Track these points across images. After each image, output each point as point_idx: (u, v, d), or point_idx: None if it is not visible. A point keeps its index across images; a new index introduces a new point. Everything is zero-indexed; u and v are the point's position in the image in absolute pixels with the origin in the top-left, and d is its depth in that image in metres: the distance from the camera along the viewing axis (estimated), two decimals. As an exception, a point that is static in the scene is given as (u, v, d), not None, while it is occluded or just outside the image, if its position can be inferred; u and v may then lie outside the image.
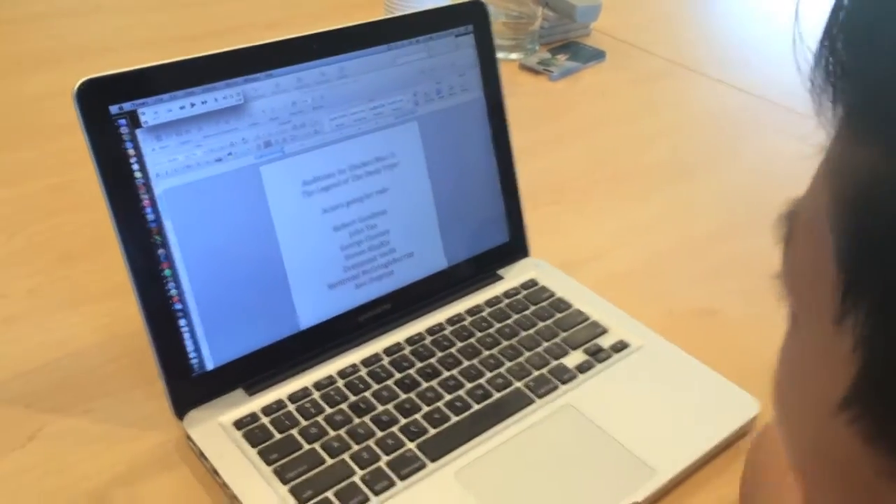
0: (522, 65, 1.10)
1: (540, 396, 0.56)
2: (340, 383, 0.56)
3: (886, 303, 0.20)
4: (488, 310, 0.63)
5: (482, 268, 0.67)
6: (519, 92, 1.03)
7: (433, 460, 0.51)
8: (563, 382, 0.57)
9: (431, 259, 0.64)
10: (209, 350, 0.53)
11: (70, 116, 0.46)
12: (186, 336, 0.52)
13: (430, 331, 0.61)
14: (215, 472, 0.49)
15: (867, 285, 0.21)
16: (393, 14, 1.01)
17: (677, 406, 0.56)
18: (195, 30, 1.09)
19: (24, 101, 0.90)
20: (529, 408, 0.55)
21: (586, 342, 0.61)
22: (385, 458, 0.51)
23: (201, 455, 0.51)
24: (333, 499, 0.48)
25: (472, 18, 0.64)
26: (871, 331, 0.21)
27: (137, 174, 0.49)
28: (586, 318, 0.63)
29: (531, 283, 0.66)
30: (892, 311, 0.20)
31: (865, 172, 0.20)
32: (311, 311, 0.57)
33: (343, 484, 0.49)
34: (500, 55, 1.12)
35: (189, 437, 0.51)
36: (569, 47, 1.16)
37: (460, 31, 0.63)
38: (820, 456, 0.26)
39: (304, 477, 0.49)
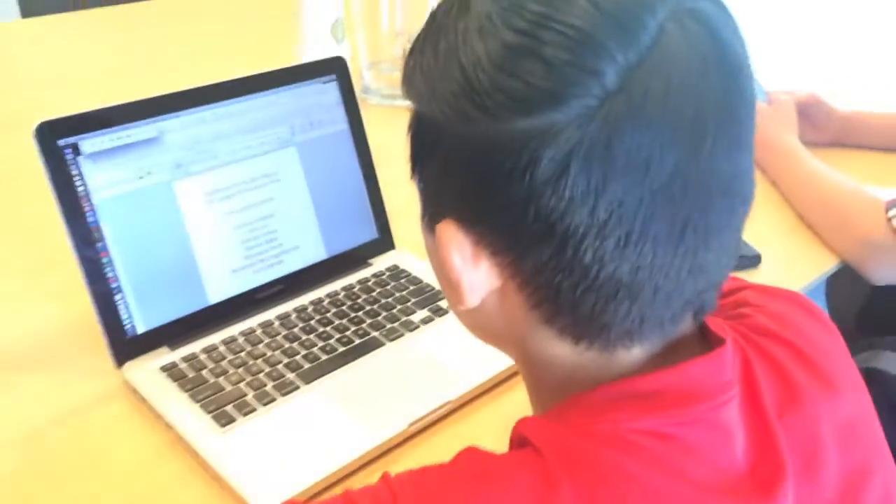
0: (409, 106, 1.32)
1: (391, 341, 0.76)
2: (241, 340, 0.75)
3: (417, 170, 0.43)
4: (358, 287, 0.83)
5: (356, 257, 0.87)
6: (405, 130, 1.25)
7: (307, 383, 0.70)
8: (409, 331, 0.77)
9: (314, 251, 0.83)
10: (140, 317, 0.72)
11: (29, 164, 0.65)
12: (122, 307, 0.71)
13: (313, 303, 0.80)
14: (145, 400, 0.68)
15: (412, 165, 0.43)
16: (302, 58, 1.23)
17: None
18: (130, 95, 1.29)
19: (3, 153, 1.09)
20: (381, 348, 0.75)
21: (430, 304, 0.81)
22: (270, 384, 0.70)
23: (135, 391, 0.69)
24: (231, 409, 0.67)
25: (335, 69, 0.85)
26: (417, 179, 0.43)
27: (80, 188, 0.69)
28: (432, 288, 0.83)
29: (394, 268, 0.87)
30: (420, 175, 0.42)
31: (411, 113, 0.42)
32: (218, 290, 0.77)
33: (238, 400, 0.68)
34: (396, 102, 1.34)
35: (127, 381, 0.70)
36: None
37: (326, 79, 0.84)
38: (427, 247, 0.46)
39: (210, 397, 0.68)
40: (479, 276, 0.40)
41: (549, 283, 0.38)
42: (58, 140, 0.67)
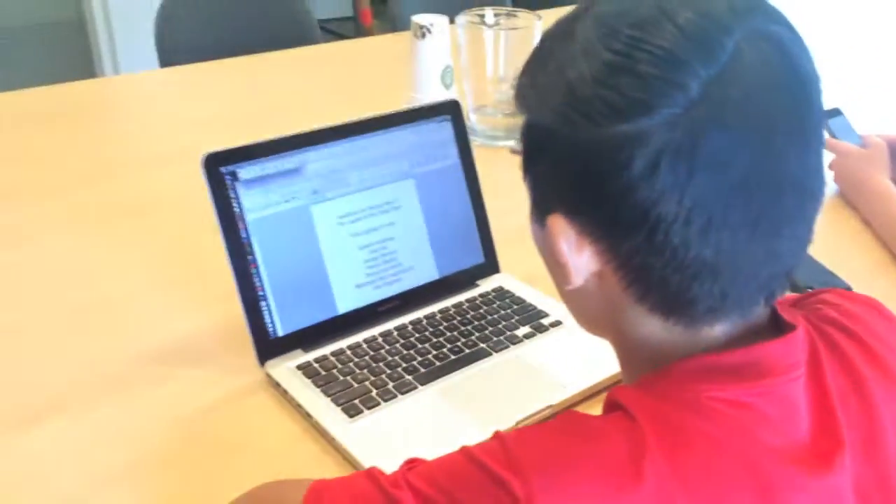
0: (512, 149, 1.42)
1: (497, 352, 0.84)
2: (365, 346, 0.85)
3: (528, 170, 0.50)
4: (467, 305, 0.92)
5: (464, 279, 0.96)
6: (507, 167, 1.34)
7: (423, 385, 0.79)
8: (513, 343, 0.85)
9: (427, 272, 0.93)
10: (281, 323, 0.83)
11: (179, 193, 0.77)
12: (266, 313, 0.82)
13: (426, 317, 0.90)
14: (286, 392, 0.78)
15: (524, 166, 0.51)
16: (415, 99, 1.34)
17: (589, 355, 0.83)
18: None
19: (143, 187, 1.24)
20: (488, 357, 0.83)
21: (532, 321, 0.89)
22: (391, 384, 0.79)
23: (277, 385, 0.80)
24: (358, 403, 0.76)
25: (449, 110, 0.95)
26: (528, 178, 0.51)
27: (236, 209, 0.80)
28: (534, 308, 0.91)
29: (499, 289, 0.95)
30: (531, 174, 0.50)
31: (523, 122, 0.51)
32: (345, 302, 0.87)
33: (364, 396, 0.77)
34: (497, 143, 1.44)
35: (268, 375, 0.81)
36: (550, 134, 1.47)
37: (441, 119, 0.94)
38: (535, 238, 0.54)
39: (340, 392, 0.78)
40: (582, 260, 0.48)
41: (641, 265, 0.46)
42: (220, 167, 0.80)
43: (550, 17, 0.53)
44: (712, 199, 0.43)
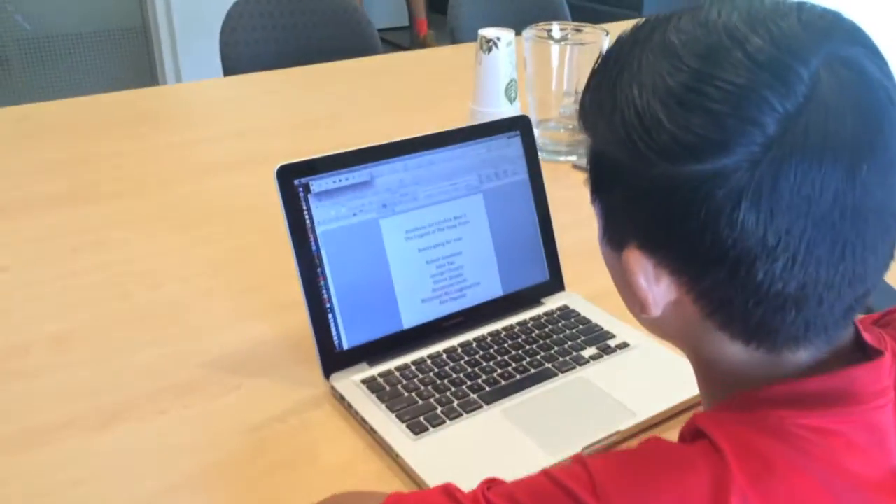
0: (575, 164, 1.40)
1: (563, 372, 0.83)
2: (429, 361, 0.84)
3: (600, 197, 0.50)
4: (531, 323, 0.91)
5: (529, 296, 0.95)
6: (571, 183, 1.33)
7: (488, 404, 0.78)
8: (580, 365, 0.84)
9: (492, 288, 0.92)
10: (346, 336, 0.83)
11: (245, 200, 0.78)
12: (332, 325, 0.82)
13: (491, 334, 0.89)
14: (350, 407, 0.78)
15: (593, 192, 0.51)
16: (478, 113, 1.34)
17: (657, 379, 0.82)
18: (323, 145, 1.45)
19: (209, 193, 1.25)
20: (554, 378, 0.82)
21: (598, 342, 0.87)
22: (456, 402, 0.78)
23: (341, 398, 0.79)
24: (423, 420, 0.75)
25: (520, 126, 0.94)
26: (598, 205, 0.50)
27: (307, 221, 0.81)
28: (600, 328, 0.90)
29: (564, 308, 0.94)
30: (602, 201, 0.49)
31: (589, 144, 0.50)
32: (410, 316, 0.87)
33: (429, 413, 0.76)
34: (560, 158, 1.43)
35: (333, 388, 0.80)
36: (613, 150, 1.46)
37: (511, 134, 0.94)
38: (606, 261, 0.53)
39: (404, 409, 0.77)
40: (660, 290, 0.47)
41: (722, 298, 0.45)
42: (294, 180, 0.80)
43: (615, 30, 0.52)
44: (796, 235, 0.41)
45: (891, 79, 0.44)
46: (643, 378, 0.82)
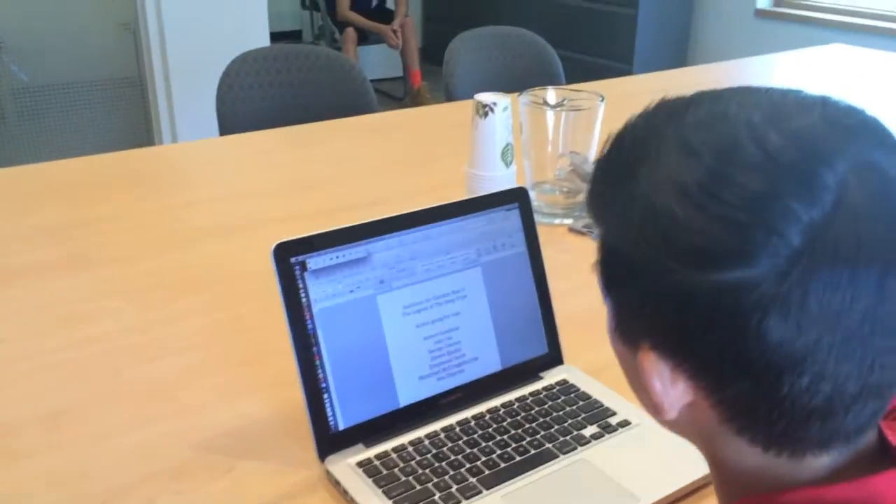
0: (571, 228, 1.40)
1: (563, 454, 0.81)
2: (427, 442, 0.82)
3: (612, 292, 0.48)
4: (530, 399, 0.89)
5: (527, 371, 0.93)
6: (567, 248, 1.32)
7: (487, 489, 0.76)
8: (581, 445, 0.82)
9: (490, 363, 0.91)
10: (342, 416, 0.81)
11: (240, 266, 0.77)
12: (328, 406, 0.80)
13: (489, 411, 0.87)
14: (346, 492, 0.76)
15: (605, 286, 0.48)
16: (472, 192, 1.34)
17: (660, 460, 0.80)
18: (318, 207, 1.45)
19: (204, 259, 1.24)
20: (555, 460, 0.80)
21: (599, 420, 0.86)
22: (455, 487, 0.76)
23: (336, 483, 0.77)
24: (421, 507, 0.74)
25: (518, 198, 0.94)
26: (610, 300, 0.48)
27: (304, 300, 0.79)
28: (601, 405, 0.88)
29: (563, 383, 0.92)
30: (614, 297, 0.48)
31: (600, 236, 0.48)
32: (407, 394, 0.85)
33: (427, 499, 0.74)
34: (555, 221, 1.43)
35: (328, 472, 0.79)
36: (609, 212, 1.45)
37: (509, 206, 0.93)
38: (618, 356, 0.51)
39: (402, 495, 0.75)
40: (676, 393, 0.45)
41: (743, 407, 0.43)
42: (290, 258, 0.79)
43: (610, 88, 0.51)
44: (825, 349, 0.40)
45: None
46: (646, 459, 0.80)
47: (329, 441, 0.80)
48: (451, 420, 0.86)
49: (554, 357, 0.95)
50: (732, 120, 0.41)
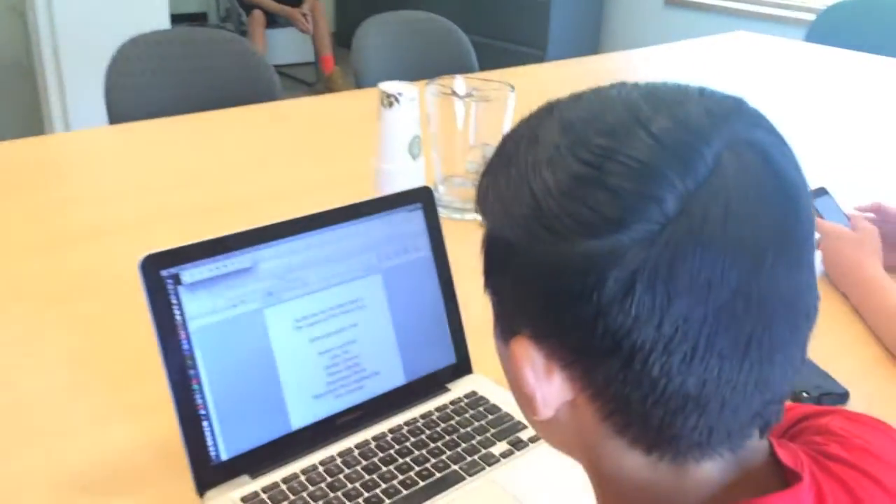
0: (481, 223, 1.34)
1: (471, 475, 0.75)
2: (321, 469, 0.75)
3: (491, 282, 0.46)
4: (436, 414, 0.83)
5: (434, 382, 0.87)
6: (477, 244, 1.26)
7: (388, 521, 0.69)
8: (489, 465, 0.76)
9: (393, 376, 0.84)
10: (224, 445, 0.73)
11: (117, 273, 0.68)
12: (208, 434, 0.72)
13: (391, 430, 0.80)
14: (228, 532, 0.68)
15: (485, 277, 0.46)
16: (379, 186, 1.26)
17: (573, 479, 0.74)
18: (212, 203, 1.34)
19: (77, 265, 1.13)
20: (462, 483, 0.74)
21: (509, 435, 0.80)
22: (352, 520, 0.69)
23: (218, 521, 0.69)
24: (313, 547, 0.66)
25: (422, 199, 0.87)
26: (489, 291, 0.47)
27: (178, 317, 0.71)
28: (511, 419, 0.82)
29: (472, 394, 0.86)
30: (493, 287, 0.46)
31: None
32: (300, 416, 0.77)
33: (320, 537, 0.67)
34: (467, 216, 1.37)
35: (209, 509, 0.70)
36: (521, 206, 1.40)
37: (412, 208, 0.86)
38: (499, 355, 0.49)
39: (292, 533, 0.67)
40: (552, 388, 0.43)
41: (618, 396, 0.41)
42: (160, 271, 0.70)
43: (520, 77, 0.47)
44: (695, 324, 0.38)
45: (797, 168, 0.41)
46: (556, 478, 0.75)
47: (209, 474, 0.72)
48: (349, 443, 0.78)
49: (462, 366, 0.89)
50: (614, 102, 0.42)
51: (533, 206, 0.40)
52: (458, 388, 0.87)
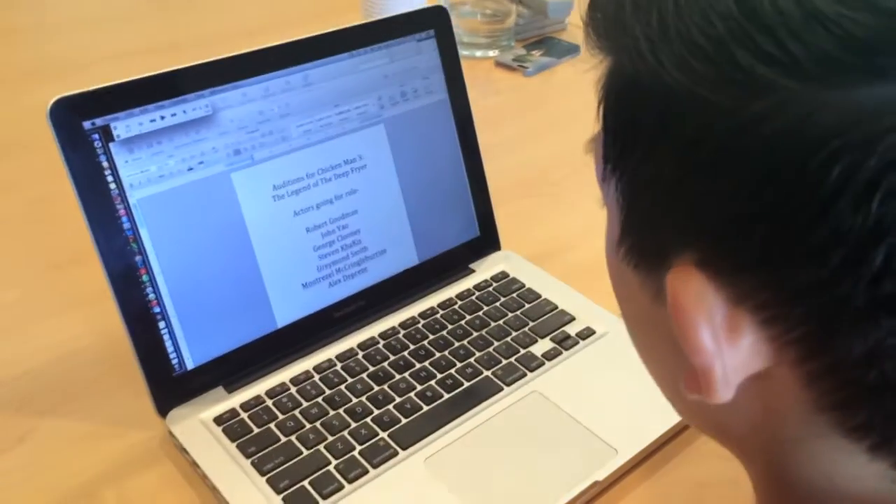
0: (498, 62, 1.12)
1: (508, 384, 0.59)
2: (316, 378, 0.58)
3: (627, 168, 0.27)
4: (459, 303, 0.66)
5: (454, 262, 0.69)
6: (494, 89, 1.06)
7: (404, 448, 0.53)
8: (531, 370, 0.60)
9: (403, 256, 0.66)
10: (189, 350, 0.56)
11: (45, 130, 0.49)
12: (166, 337, 0.55)
13: (403, 325, 0.63)
14: (196, 465, 0.52)
15: (615, 160, 0.28)
16: (370, 19, 1.04)
17: (639, 390, 0.58)
18: (178, 38, 1.12)
19: (22, 112, 0.92)
20: (498, 395, 0.58)
21: (554, 330, 0.63)
22: (358, 448, 0.53)
23: (183, 450, 0.53)
24: (309, 487, 0.50)
25: (434, 23, 0.66)
26: (621, 184, 0.28)
27: (112, 185, 0.52)
28: (554, 307, 0.66)
29: (502, 276, 0.69)
30: (630, 175, 0.27)
31: (610, 76, 0.28)
32: (286, 310, 0.60)
33: (318, 473, 0.51)
34: (477, 53, 1.15)
35: (172, 434, 0.54)
36: (544, 43, 1.18)
37: (422, 36, 0.65)
38: (620, 291, 0.31)
39: (281, 468, 0.51)
40: (738, 355, 0.25)
41: (862, 378, 0.24)
42: (83, 122, 0.50)
43: None
44: None
45: None
46: (621, 387, 0.59)
47: (172, 388, 0.55)
48: (351, 342, 0.62)
49: (488, 241, 0.71)
50: None
51: (737, 32, 0.23)
52: (485, 269, 0.70)
